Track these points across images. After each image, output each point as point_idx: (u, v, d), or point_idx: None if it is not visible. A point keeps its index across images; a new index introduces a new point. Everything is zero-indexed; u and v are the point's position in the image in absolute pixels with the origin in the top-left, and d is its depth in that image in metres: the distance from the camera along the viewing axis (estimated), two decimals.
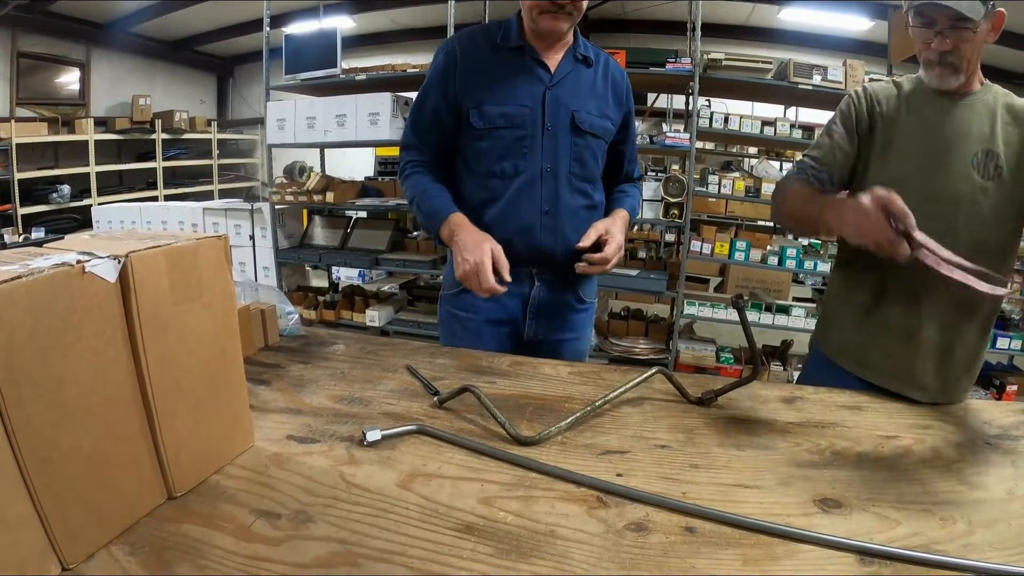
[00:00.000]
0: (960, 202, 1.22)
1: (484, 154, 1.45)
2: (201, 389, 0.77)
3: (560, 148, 1.43)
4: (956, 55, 1.18)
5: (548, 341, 1.54)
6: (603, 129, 1.49)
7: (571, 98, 1.43)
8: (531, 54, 1.43)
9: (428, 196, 1.46)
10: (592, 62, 1.49)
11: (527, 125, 1.42)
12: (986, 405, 1.14)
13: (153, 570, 0.62)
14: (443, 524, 0.71)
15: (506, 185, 1.44)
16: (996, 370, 3.88)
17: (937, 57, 1.20)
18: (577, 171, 1.46)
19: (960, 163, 1.22)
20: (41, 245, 0.68)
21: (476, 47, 1.45)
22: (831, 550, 0.68)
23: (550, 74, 1.43)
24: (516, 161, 1.43)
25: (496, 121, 1.42)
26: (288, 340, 1.36)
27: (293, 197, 4.15)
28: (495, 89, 1.42)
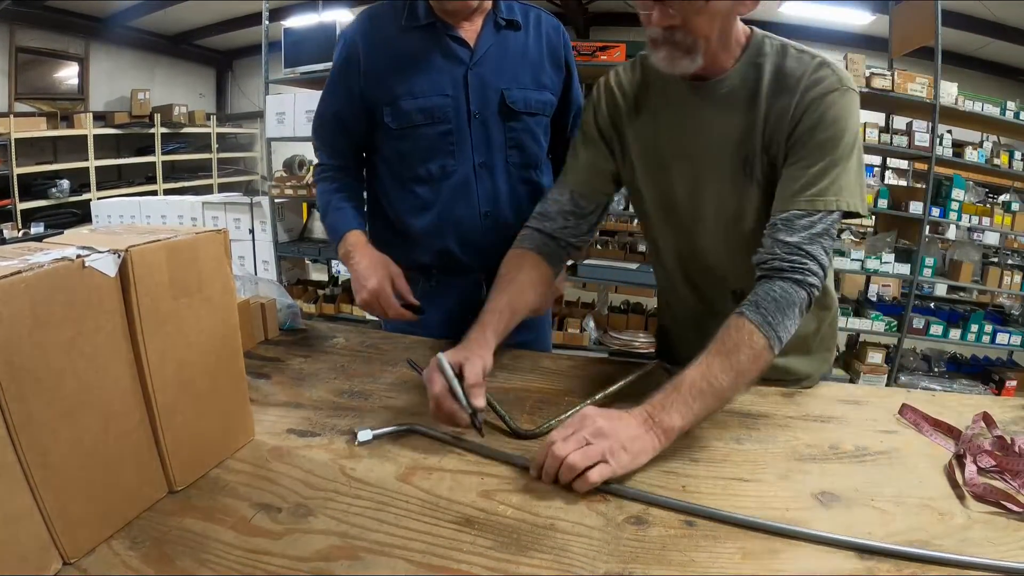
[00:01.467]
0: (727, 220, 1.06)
1: (406, 156, 1.28)
2: (201, 383, 0.77)
3: (493, 138, 1.27)
4: (684, 32, 0.91)
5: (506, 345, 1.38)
6: (541, 104, 1.31)
7: (498, 75, 1.25)
8: (444, 30, 1.23)
9: (331, 208, 1.32)
10: (520, 24, 1.29)
11: (450, 117, 1.24)
12: (985, 401, 1.14)
13: (154, 564, 0.62)
14: (443, 517, 0.71)
15: (436, 189, 1.29)
16: (995, 366, 3.88)
17: (659, 35, 0.93)
18: (516, 160, 1.30)
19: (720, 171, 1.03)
20: (40, 240, 0.68)
21: (380, 31, 1.26)
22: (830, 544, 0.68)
23: (470, 50, 1.24)
24: (444, 160, 1.27)
25: (414, 118, 1.24)
26: (288, 334, 1.36)
27: (293, 191, 4.14)
28: (409, 80, 1.23)
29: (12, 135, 5.94)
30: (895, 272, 3.57)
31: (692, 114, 1.04)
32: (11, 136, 5.93)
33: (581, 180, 1.16)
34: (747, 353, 0.86)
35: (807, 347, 1.18)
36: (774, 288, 0.90)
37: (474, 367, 0.89)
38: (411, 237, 1.34)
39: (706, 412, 0.85)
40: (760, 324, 0.87)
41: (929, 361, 3.90)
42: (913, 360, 3.87)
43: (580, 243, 1.17)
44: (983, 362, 3.99)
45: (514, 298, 1.07)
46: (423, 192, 1.30)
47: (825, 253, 0.94)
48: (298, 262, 4.78)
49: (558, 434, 0.79)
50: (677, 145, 1.07)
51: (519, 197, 1.34)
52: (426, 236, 1.33)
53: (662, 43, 0.94)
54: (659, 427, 0.81)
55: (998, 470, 0.83)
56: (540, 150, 1.35)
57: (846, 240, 4.30)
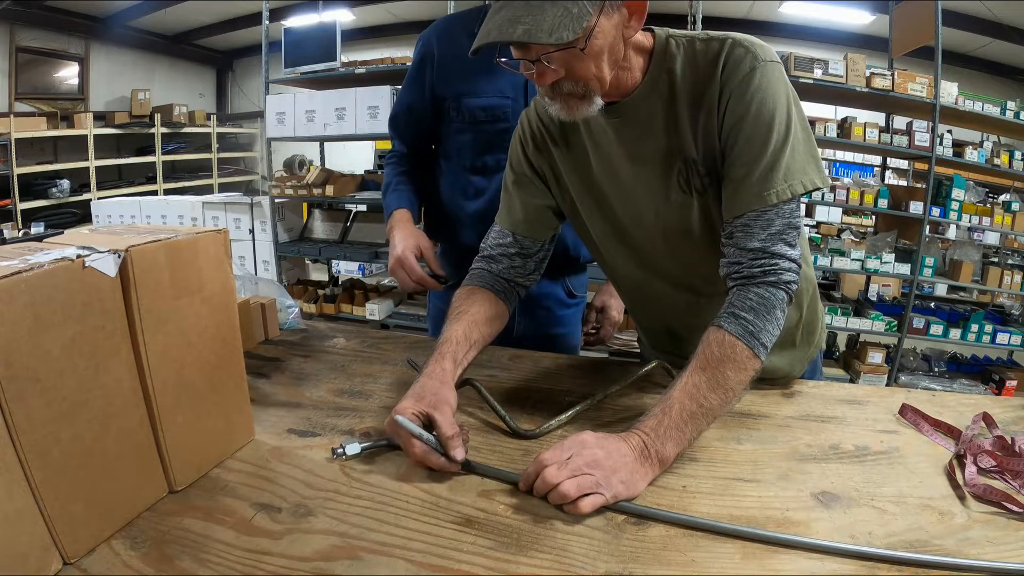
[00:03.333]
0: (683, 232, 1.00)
1: (465, 148, 1.42)
2: (201, 383, 0.77)
3: None
4: (572, 82, 0.86)
5: (537, 337, 1.50)
6: None
7: None
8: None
9: (389, 190, 1.47)
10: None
11: (509, 116, 1.35)
12: (985, 401, 1.14)
13: (154, 564, 0.62)
14: (443, 517, 0.71)
15: (489, 180, 1.41)
16: (995, 366, 3.88)
17: (549, 90, 0.88)
18: None
19: (660, 193, 0.98)
20: (41, 240, 0.68)
21: (452, 37, 1.39)
22: None
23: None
24: (499, 154, 1.37)
25: (477, 115, 1.37)
26: (288, 334, 1.36)
27: (293, 191, 4.14)
28: (473, 80, 1.36)
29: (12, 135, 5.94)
30: (895, 272, 3.58)
31: (617, 140, 0.99)
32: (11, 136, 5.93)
33: (519, 221, 1.11)
34: (732, 367, 0.83)
35: (792, 340, 1.16)
36: (749, 296, 0.87)
37: (444, 416, 0.82)
38: (463, 220, 1.46)
39: (698, 433, 0.83)
40: (740, 335, 0.85)
41: (929, 361, 3.90)
42: (913, 360, 3.88)
43: (529, 282, 1.15)
44: (983, 362, 3.99)
45: (469, 328, 1.02)
46: (478, 181, 1.43)
47: (791, 246, 0.90)
48: (298, 262, 4.79)
49: (551, 456, 0.76)
50: (610, 173, 1.03)
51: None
52: (477, 219, 1.41)
53: (554, 96, 0.89)
54: (655, 457, 0.79)
55: (998, 470, 0.83)
56: None
57: (846, 240, 4.30)
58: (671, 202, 0.98)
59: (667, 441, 0.79)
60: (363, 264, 5.54)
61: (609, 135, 0.99)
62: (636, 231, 1.05)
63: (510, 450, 0.88)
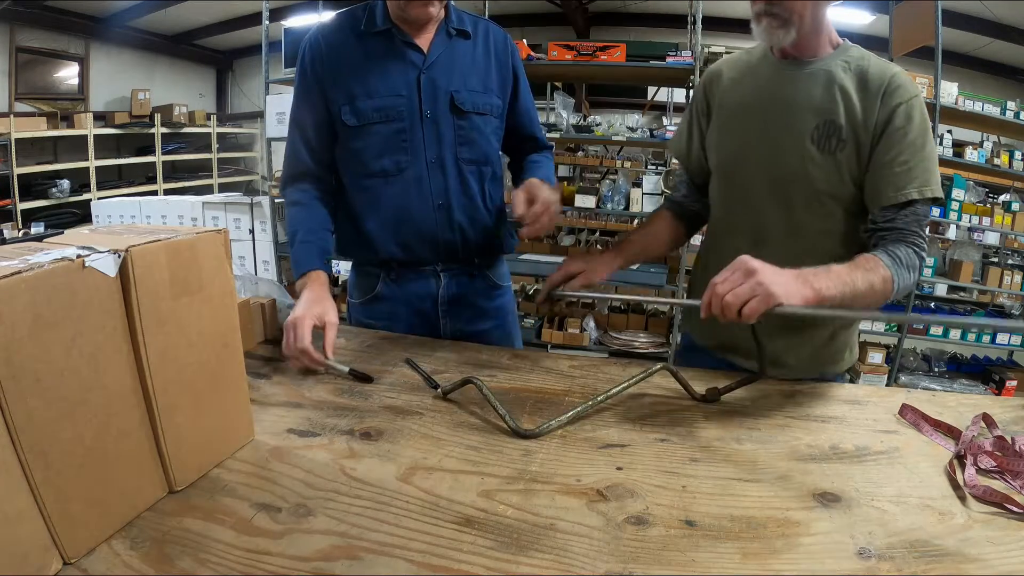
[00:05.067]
0: (796, 181, 1.17)
1: (359, 153, 1.33)
2: (201, 383, 0.77)
3: (443, 135, 1.33)
4: (781, 6, 1.09)
5: (468, 334, 1.46)
6: (488, 105, 1.38)
7: (448, 78, 1.32)
8: (400, 36, 1.30)
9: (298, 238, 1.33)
10: (470, 34, 1.37)
11: (404, 116, 1.31)
12: (985, 401, 1.14)
13: (154, 564, 0.62)
14: (443, 517, 0.71)
15: (389, 184, 1.34)
16: (995, 365, 3.88)
17: (763, 8, 1.11)
18: (467, 155, 1.36)
19: (797, 136, 1.16)
20: (41, 240, 0.68)
21: (341, 37, 1.33)
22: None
23: (423, 55, 1.31)
24: (397, 156, 1.32)
25: (370, 116, 1.30)
26: None
27: None
28: (366, 80, 1.30)
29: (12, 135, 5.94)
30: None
31: (779, 80, 1.19)
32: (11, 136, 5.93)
33: (683, 153, 1.38)
34: (878, 276, 1.02)
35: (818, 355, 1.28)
36: (899, 249, 1.07)
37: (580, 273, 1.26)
38: (370, 232, 1.38)
39: (842, 298, 0.97)
40: (888, 264, 1.04)
41: (929, 361, 3.90)
42: (913, 360, 3.88)
43: (702, 210, 1.39)
44: (983, 362, 3.99)
45: (647, 240, 1.39)
46: (378, 187, 1.35)
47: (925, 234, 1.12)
48: None
49: (720, 276, 0.93)
50: (758, 101, 1.22)
51: (471, 191, 1.40)
52: (383, 229, 1.37)
53: (763, 15, 1.11)
54: (810, 284, 0.93)
55: (998, 470, 0.83)
56: (490, 148, 1.42)
57: None
58: (808, 154, 1.15)
59: (823, 280, 0.95)
60: None
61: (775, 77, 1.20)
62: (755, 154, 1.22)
63: (509, 449, 0.88)
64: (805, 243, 1.19)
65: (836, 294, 0.95)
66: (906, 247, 1.08)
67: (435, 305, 1.45)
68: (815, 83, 1.15)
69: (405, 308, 1.44)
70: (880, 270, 1.02)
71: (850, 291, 0.97)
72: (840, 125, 1.12)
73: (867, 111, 1.11)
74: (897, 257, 1.06)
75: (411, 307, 1.44)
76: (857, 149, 1.12)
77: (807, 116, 1.15)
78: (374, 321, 1.45)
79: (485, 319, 1.50)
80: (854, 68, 1.14)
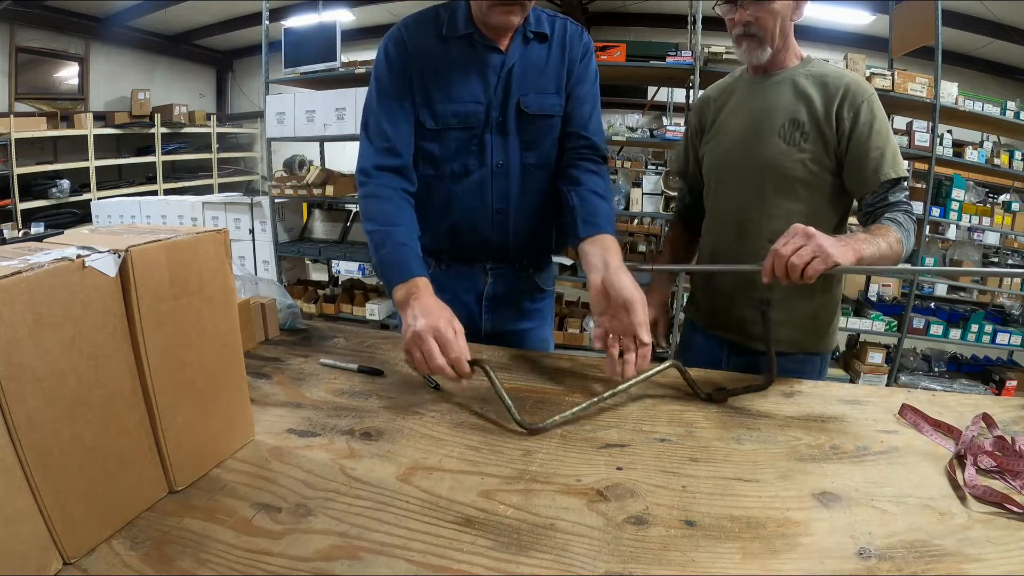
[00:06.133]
0: (768, 171, 1.35)
1: (433, 155, 1.33)
2: (201, 383, 0.77)
3: (511, 141, 1.33)
4: (758, 27, 1.29)
5: (508, 332, 1.48)
6: (557, 107, 1.36)
7: (521, 83, 1.31)
8: (481, 41, 1.29)
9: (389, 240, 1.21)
10: (547, 36, 1.34)
11: (480, 124, 1.31)
12: (985, 401, 1.14)
13: (154, 564, 0.62)
14: (443, 517, 0.71)
15: (455, 185, 1.34)
16: (995, 366, 3.88)
17: (741, 30, 1.31)
18: (532, 160, 1.36)
19: (766, 134, 1.34)
20: (41, 240, 0.68)
21: (423, 37, 1.30)
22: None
23: (502, 57, 1.30)
24: (466, 160, 1.33)
25: (449, 121, 1.30)
26: (288, 334, 1.36)
27: (293, 191, 4.14)
28: (446, 85, 1.29)
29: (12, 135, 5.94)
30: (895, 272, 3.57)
31: (751, 92, 1.40)
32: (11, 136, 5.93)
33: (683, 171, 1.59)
34: (893, 237, 1.18)
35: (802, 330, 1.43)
36: (897, 215, 1.25)
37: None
38: (425, 222, 1.32)
39: (874, 257, 1.12)
40: (896, 229, 1.21)
41: (929, 361, 3.90)
42: (913, 360, 3.87)
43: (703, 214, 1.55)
44: (983, 362, 3.99)
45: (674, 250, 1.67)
46: (444, 186, 1.35)
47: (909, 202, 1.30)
48: (298, 262, 4.79)
49: (779, 242, 1.04)
50: (736, 112, 1.42)
51: (531, 196, 1.38)
52: (438, 224, 1.37)
53: (743, 37, 1.32)
54: (851, 247, 1.06)
55: (998, 470, 0.83)
56: (552, 151, 1.38)
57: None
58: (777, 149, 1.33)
59: (859, 242, 1.10)
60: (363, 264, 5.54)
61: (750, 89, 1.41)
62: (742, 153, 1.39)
63: (509, 449, 0.88)
64: (779, 224, 1.24)
65: (872, 253, 1.11)
66: (903, 215, 1.25)
67: (479, 301, 1.46)
68: (782, 89, 1.35)
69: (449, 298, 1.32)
70: (892, 234, 1.19)
71: (878, 252, 1.13)
72: (803, 122, 1.31)
73: (827, 108, 1.29)
74: (899, 223, 1.23)
75: (456, 299, 1.38)
76: (822, 141, 1.30)
77: (775, 116, 1.34)
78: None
79: (525, 319, 1.52)
80: (814, 74, 1.33)
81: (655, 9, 7.06)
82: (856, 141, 1.28)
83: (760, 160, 1.35)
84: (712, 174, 1.48)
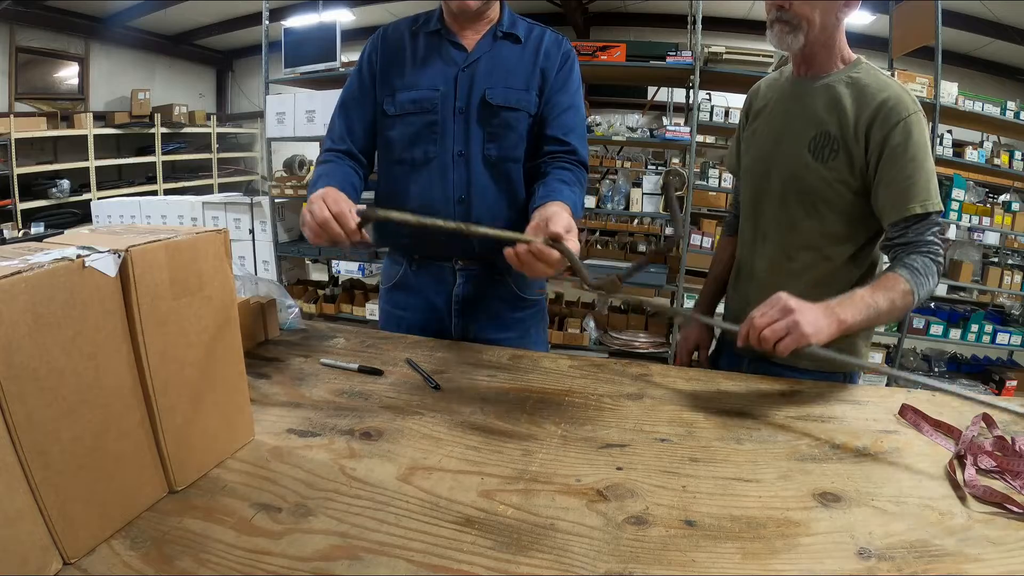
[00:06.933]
0: (789, 183, 1.28)
1: (394, 142, 1.39)
2: (201, 383, 0.77)
3: (472, 130, 1.35)
4: (791, 12, 1.18)
5: (479, 340, 1.41)
6: (523, 102, 1.37)
7: (486, 77, 1.35)
8: (447, 36, 1.38)
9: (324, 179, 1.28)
10: (519, 39, 1.39)
11: (437, 109, 1.35)
12: None
13: (154, 564, 0.62)
14: (443, 517, 0.71)
15: (415, 173, 1.38)
16: (995, 365, 3.88)
17: (775, 15, 1.21)
18: (493, 153, 1.36)
19: (795, 144, 1.26)
20: (41, 240, 0.68)
21: (398, 36, 1.41)
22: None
23: (465, 54, 1.37)
24: (426, 147, 1.37)
25: (406, 107, 1.36)
26: (288, 334, 1.36)
27: (293, 191, 4.14)
28: (408, 74, 1.37)
29: (12, 135, 5.95)
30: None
31: (790, 95, 1.31)
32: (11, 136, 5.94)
33: (735, 167, 1.49)
34: (898, 292, 1.10)
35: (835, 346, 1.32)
36: (916, 259, 1.14)
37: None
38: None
39: (866, 320, 1.07)
40: (907, 279, 1.11)
41: (929, 361, 3.90)
42: (913, 360, 3.88)
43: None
44: (983, 362, 3.99)
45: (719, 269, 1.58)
46: (406, 175, 1.39)
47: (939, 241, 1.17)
48: (298, 262, 4.79)
49: (757, 311, 1.03)
50: (773, 115, 1.34)
51: (492, 188, 1.38)
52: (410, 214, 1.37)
53: (775, 21, 1.21)
54: (836, 316, 1.03)
55: (998, 470, 0.83)
56: (518, 146, 1.39)
57: None
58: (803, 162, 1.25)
59: (846, 309, 1.05)
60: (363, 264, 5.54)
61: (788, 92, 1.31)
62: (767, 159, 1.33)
63: (509, 449, 0.88)
64: (799, 240, 1.29)
65: (860, 319, 1.06)
66: (921, 256, 1.14)
67: (448, 302, 1.45)
68: (819, 97, 1.24)
69: (421, 300, 1.46)
70: (900, 286, 1.10)
71: (874, 312, 1.07)
72: (834, 136, 1.20)
73: (857, 122, 1.18)
74: (915, 268, 1.13)
75: (426, 300, 1.46)
76: (849, 158, 1.19)
77: (808, 127, 1.24)
78: (392, 309, 1.51)
79: (503, 328, 1.47)
80: (855, 82, 1.20)
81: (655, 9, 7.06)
82: (884, 165, 1.16)
83: (787, 171, 1.28)
84: (744, 175, 1.43)
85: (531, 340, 1.51)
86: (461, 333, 1.46)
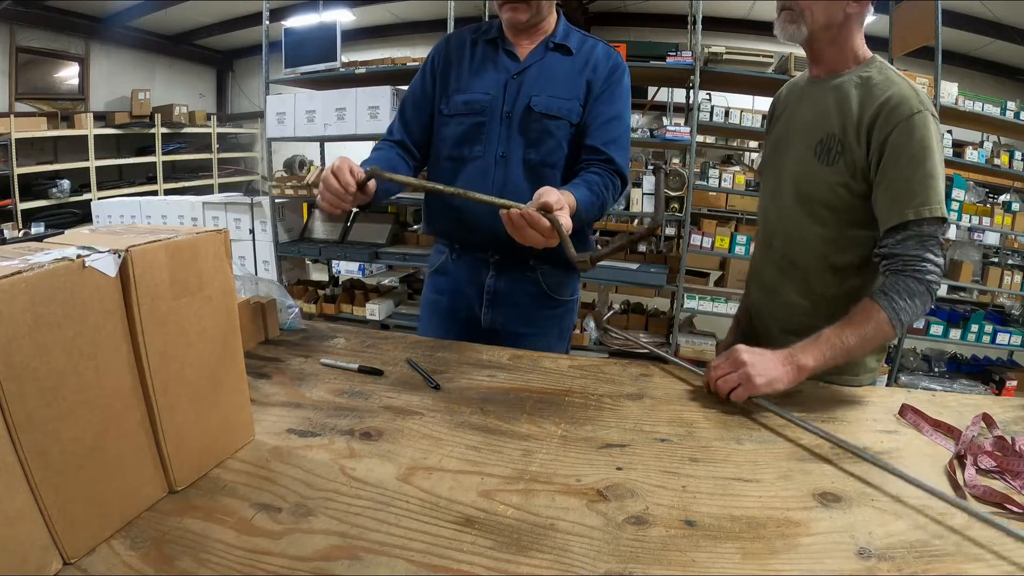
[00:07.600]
0: (793, 187, 1.26)
1: (446, 139, 1.48)
2: (201, 383, 0.77)
3: (514, 135, 1.43)
4: (794, 1, 1.17)
5: (508, 333, 1.50)
6: (565, 110, 1.42)
7: (533, 85, 1.43)
8: (503, 45, 1.47)
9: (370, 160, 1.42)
10: (571, 50, 1.46)
11: (486, 112, 1.44)
12: (985, 401, 1.14)
13: (154, 564, 0.62)
14: (443, 517, 0.71)
15: (461, 170, 1.46)
16: (995, 366, 3.88)
17: (781, 3, 1.20)
18: (534, 157, 1.43)
19: (801, 147, 1.25)
20: (41, 240, 0.68)
21: (460, 42, 1.51)
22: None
23: (517, 62, 1.46)
24: (472, 146, 1.45)
25: (459, 108, 1.46)
26: (288, 334, 1.36)
27: (293, 191, 4.14)
28: (464, 78, 1.47)
29: (12, 135, 5.95)
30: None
31: (803, 97, 1.30)
32: (11, 136, 5.94)
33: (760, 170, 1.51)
34: (872, 325, 1.05)
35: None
36: (898, 281, 1.07)
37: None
38: (439, 208, 1.52)
39: (833, 360, 1.05)
40: (884, 307, 1.06)
41: (929, 361, 3.90)
42: (913, 360, 3.88)
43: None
44: (983, 362, 3.99)
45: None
46: (452, 170, 1.48)
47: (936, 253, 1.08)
48: (298, 262, 4.79)
49: (715, 362, 1.07)
50: (786, 118, 1.34)
51: (529, 190, 1.35)
52: (448, 209, 1.49)
53: (780, 11, 1.20)
54: (794, 364, 1.03)
55: (998, 470, 0.83)
56: (556, 152, 1.45)
57: None
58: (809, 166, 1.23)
59: (808, 355, 1.04)
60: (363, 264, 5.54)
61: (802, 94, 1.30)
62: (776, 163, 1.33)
63: (509, 449, 0.88)
64: (801, 245, 1.27)
65: (823, 362, 1.05)
66: (906, 277, 1.07)
67: (480, 293, 1.52)
68: (827, 98, 1.21)
69: (457, 286, 1.55)
70: (874, 316, 1.06)
71: (841, 351, 1.05)
72: (838, 137, 1.17)
73: (860, 121, 1.13)
74: (894, 294, 1.06)
75: (461, 287, 1.54)
76: (851, 159, 1.15)
77: (816, 130, 1.22)
78: (431, 292, 1.62)
79: (529, 324, 1.54)
80: (864, 81, 1.16)
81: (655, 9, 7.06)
82: (884, 166, 1.10)
83: (791, 174, 1.27)
84: (761, 184, 1.43)
85: (555, 339, 1.58)
86: (490, 323, 1.53)
